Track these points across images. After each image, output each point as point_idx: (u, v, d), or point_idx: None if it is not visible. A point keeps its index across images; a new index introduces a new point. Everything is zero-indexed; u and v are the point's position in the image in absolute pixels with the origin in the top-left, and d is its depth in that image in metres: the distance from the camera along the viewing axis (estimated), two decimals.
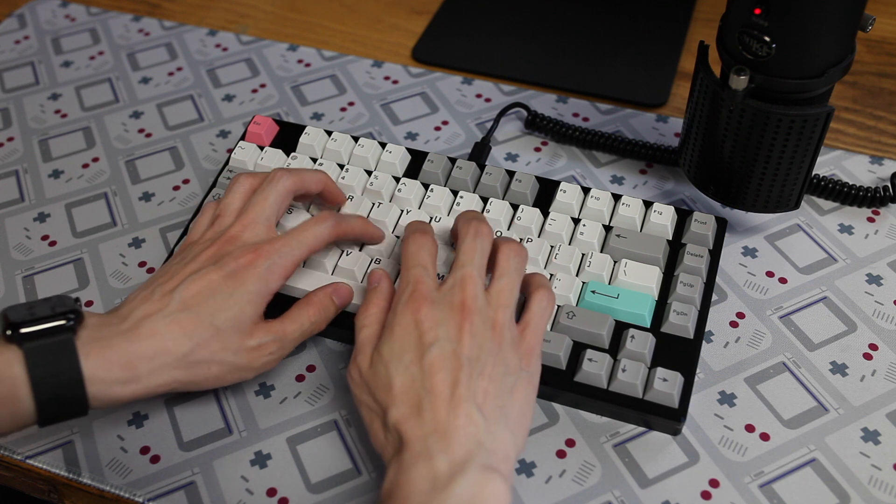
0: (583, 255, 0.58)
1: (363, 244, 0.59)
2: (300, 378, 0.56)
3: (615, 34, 0.79)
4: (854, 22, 0.50)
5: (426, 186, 0.63)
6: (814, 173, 0.65)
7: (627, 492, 0.50)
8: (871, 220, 0.64)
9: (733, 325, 0.58)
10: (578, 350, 0.54)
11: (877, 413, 0.53)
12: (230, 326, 0.48)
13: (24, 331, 0.44)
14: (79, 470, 0.52)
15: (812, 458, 0.51)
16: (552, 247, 0.59)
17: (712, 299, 0.58)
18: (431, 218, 0.61)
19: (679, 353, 0.54)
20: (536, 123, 0.70)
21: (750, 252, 0.62)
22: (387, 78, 0.77)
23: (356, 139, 0.66)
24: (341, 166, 0.64)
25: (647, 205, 0.61)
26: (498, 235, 0.58)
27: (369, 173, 0.64)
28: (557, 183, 0.63)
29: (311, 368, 0.56)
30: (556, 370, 0.53)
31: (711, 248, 0.59)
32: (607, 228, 0.60)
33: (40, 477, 0.53)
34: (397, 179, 0.63)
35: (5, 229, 0.66)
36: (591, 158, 0.69)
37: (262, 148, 0.66)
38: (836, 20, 0.49)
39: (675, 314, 0.54)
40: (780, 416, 0.53)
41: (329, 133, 0.66)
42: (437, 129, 0.72)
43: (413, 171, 0.65)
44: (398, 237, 0.59)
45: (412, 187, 0.62)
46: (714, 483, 0.50)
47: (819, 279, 0.60)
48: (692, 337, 0.54)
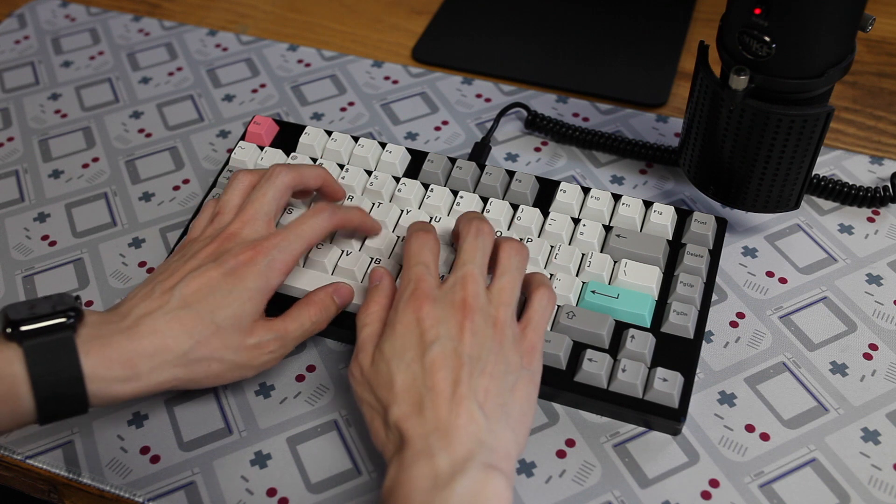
0: (583, 255, 0.58)
1: (363, 244, 0.59)
2: (300, 378, 0.56)
3: (615, 34, 0.79)
4: (854, 22, 0.50)
5: (426, 186, 0.63)
6: (814, 173, 0.65)
7: (627, 492, 0.50)
8: (871, 220, 0.64)
9: (733, 325, 0.58)
10: (578, 350, 0.54)
11: (877, 413, 0.53)
12: (230, 324, 0.48)
13: (24, 328, 0.44)
14: (79, 470, 0.52)
15: (812, 458, 0.51)
16: (552, 247, 0.59)
17: (712, 299, 0.58)
18: (431, 218, 0.61)
19: (679, 353, 0.54)
20: (536, 123, 0.70)
21: (750, 252, 0.62)
22: (387, 78, 0.77)
23: (356, 139, 0.66)
24: (341, 166, 0.64)
25: (647, 205, 0.61)
26: (499, 235, 0.58)
27: (369, 173, 0.64)
28: (557, 183, 0.63)
29: (311, 368, 0.56)
30: (556, 370, 0.53)
31: (711, 248, 0.59)
32: (607, 228, 0.60)
33: (40, 477, 0.53)
34: (397, 179, 0.63)
35: (5, 229, 0.66)
36: (591, 158, 0.69)
37: (262, 148, 0.66)
38: (836, 20, 0.49)
39: (675, 314, 0.54)
40: (780, 416, 0.53)
41: (329, 133, 0.66)
42: (437, 129, 0.72)
43: (413, 171, 0.65)
44: (399, 237, 0.59)
45: (412, 187, 0.62)
46: (714, 483, 0.50)
47: (819, 279, 0.60)
48: (692, 337, 0.54)
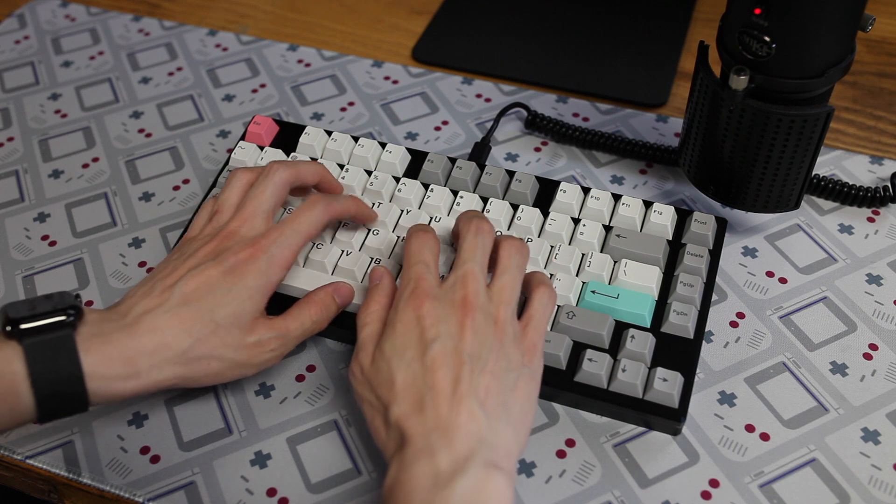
0: (583, 255, 0.58)
1: (363, 244, 0.59)
2: (300, 378, 0.56)
3: (615, 34, 0.79)
4: (854, 22, 0.50)
5: (426, 186, 0.63)
6: (814, 173, 0.65)
7: (627, 492, 0.50)
8: (871, 220, 0.64)
9: (733, 325, 0.58)
10: (578, 350, 0.54)
11: (877, 413, 0.53)
12: (230, 322, 0.48)
13: (23, 327, 0.44)
14: (79, 470, 0.52)
15: (812, 458, 0.51)
16: (552, 247, 0.59)
17: (712, 299, 0.58)
18: (431, 218, 0.61)
19: (679, 353, 0.54)
20: (536, 123, 0.70)
21: (750, 252, 0.62)
22: (387, 78, 0.77)
23: (356, 139, 0.66)
24: (341, 166, 0.64)
25: (647, 205, 0.61)
26: (499, 234, 0.58)
27: (369, 173, 0.64)
28: (557, 183, 0.63)
29: (311, 368, 0.56)
30: (556, 370, 0.53)
31: (711, 248, 0.59)
32: (607, 228, 0.60)
33: (40, 477, 0.53)
34: (397, 179, 0.63)
35: (5, 229, 0.66)
36: (591, 158, 0.69)
37: (262, 148, 0.66)
38: (836, 20, 0.49)
39: (675, 314, 0.54)
40: (780, 416, 0.53)
41: (329, 133, 0.66)
42: (437, 129, 0.72)
43: (413, 171, 0.65)
44: (399, 237, 0.59)
45: (412, 187, 0.62)
46: (714, 483, 0.50)
47: (819, 279, 0.60)
48: (692, 337, 0.54)
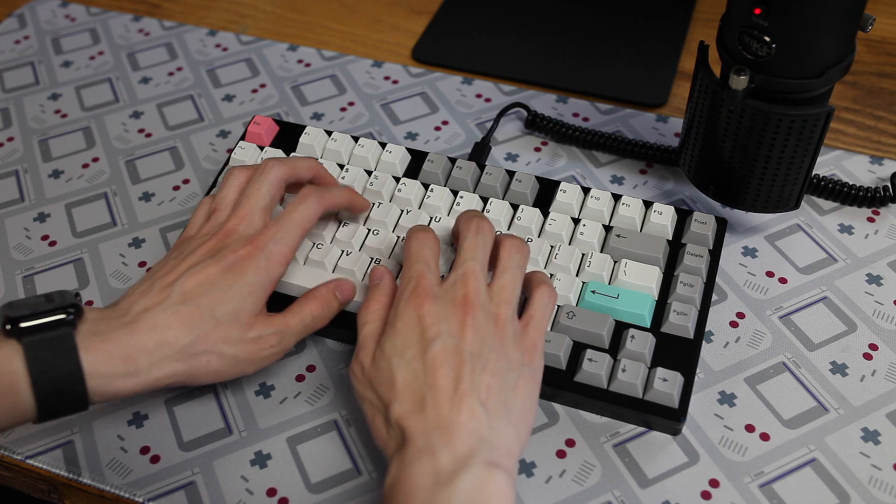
0: (583, 255, 0.58)
1: (363, 244, 0.59)
2: (300, 378, 0.56)
3: (615, 34, 0.79)
4: (854, 22, 0.50)
5: (426, 186, 0.63)
6: (814, 173, 0.65)
7: (627, 492, 0.50)
8: (871, 220, 0.64)
9: (733, 325, 0.58)
10: (578, 350, 0.54)
11: (877, 413, 0.53)
12: (230, 318, 0.48)
13: (23, 325, 0.44)
14: (79, 470, 0.52)
15: (812, 458, 0.51)
16: (552, 247, 0.59)
17: (712, 299, 0.58)
18: (431, 218, 0.61)
19: (679, 353, 0.54)
20: (536, 123, 0.70)
21: (750, 252, 0.62)
22: (387, 78, 0.77)
23: (356, 139, 0.66)
24: (341, 166, 0.64)
25: (647, 205, 0.61)
26: (499, 233, 0.58)
27: (369, 173, 0.64)
28: (557, 183, 0.63)
29: (311, 368, 0.56)
30: (556, 370, 0.53)
31: (711, 248, 0.59)
32: (607, 228, 0.60)
33: (40, 477, 0.53)
34: (397, 179, 0.63)
35: (5, 229, 0.66)
36: (591, 158, 0.69)
37: (262, 148, 0.66)
38: (836, 20, 0.49)
39: (675, 314, 0.54)
40: (780, 416, 0.53)
41: (329, 133, 0.66)
42: (437, 129, 0.72)
43: (413, 171, 0.65)
44: (399, 237, 0.59)
45: (412, 187, 0.62)
46: (714, 483, 0.50)
47: (819, 279, 0.60)
48: (692, 337, 0.54)
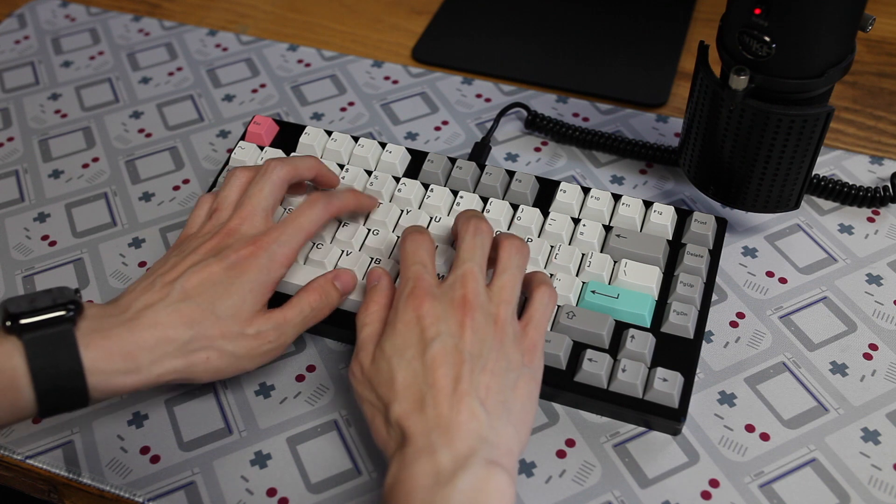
0: (583, 255, 0.58)
1: (363, 244, 0.59)
2: (300, 378, 0.56)
3: (615, 34, 0.79)
4: (854, 22, 0.50)
5: (426, 186, 0.63)
6: (814, 173, 0.65)
7: (627, 492, 0.50)
8: (871, 220, 0.64)
9: (733, 325, 0.58)
10: (578, 350, 0.54)
11: (877, 413, 0.53)
12: (230, 315, 0.48)
13: (23, 322, 0.44)
14: (79, 470, 0.52)
15: (812, 458, 0.51)
16: (552, 247, 0.59)
17: (712, 299, 0.58)
18: (431, 218, 0.61)
19: (679, 353, 0.54)
20: (536, 123, 0.70)
21: (750, 252, 0.62)
22: (387, 78, 0.77)
23: (356, 139, 0.66)
24: (341, 166, 0.64)
25: (647, 205, 0.61)
26: (499, 233, 0.58)
27: (369, 173, 0.64)
28: (557, 183, 0.63)
29: (311, 368, 0.56)
30: (556, 370, 0.53)
31: (711, 248, 0.59)
32: (607, 228, 0.60)
33: (40, 477, 0.53)
34: (397, 179, 0.63)
35: (5, 229, 0.66)
36: (591, 158, 0.69)
37: (262, 148, 0.66)
38: (836, 20, 0.49)
39: (675, 314, 0.54)
40: (780, 416, 0.53)
41: (329, 133, 0.66)
42: (437, 129, 0.72)
43: (413, 171, 0.64)
44: (398, 237, 0.59)
45: (412, 187, 0.62)
46: (714, 483, 0.50)
47: (819, 279, 0.60)
48: (692, 337, 0.54)
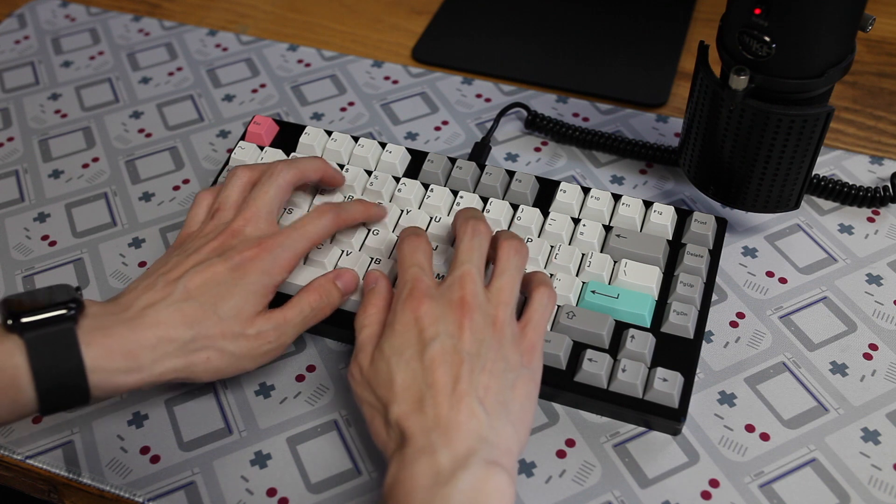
0: (583, 255, 0.58)
1: (363, 244, 0.59)
2: (300, 378, 0.56)
3: (615, 34, 0.79)
4: (854, 22, 0.50)
5: (426, 186, 0.63)
6: (814, 173, 0.65)
7: (627, 492, 0.50)
8: (871, 220, 0.64)
9: (733, 325, 0.58)
10: (578, 350, 0.54)
11: (877, 413, 0.53)
12: (232, 315, 0.49)
13: (24, 320, 0.44)
14: (79, 470, 0.52)
15: (812, 458, 0.51)
16: (552, 247, 0.59)
17: (712, 299, 0.58)
18: (431, 218, 0.61)
19: (679, 353, 0.54)
20: (536, 123, 0.70)
21: (750, 252, 0.62)
22: (387, 78, 0.77)
23: (356, 139, 0.66)
24: (341, 166, 0.64)
25: (647, 205, 0.61)
26: (498, 232, 0.58)
27: (369, 173, 0.64)
28: (557, 183, 0.63)
29: (311, 368, 0.56)
30: (556, 370, 0.53)
31: (711, 248, 0.59)
32: (607, 228, 0.60)
33: (40, 477, 0.53)
34: (397, 179, 0.63)
35: (5, 229, 0.66)
36: (591, 158, 0.69)
37: (262, 148, 0.66)
38: (836, 20, 0.49)
39: (675, 314, 0.54)
40: (780, 416, 0.53)
41: (329, 133, 0.66)
42: (437, 129, 0.72)
43: (413, 171, 0.64)
44: (398, 237, 0.59)
45: (412, 187, 0.62)
46: (714, 483, 0.50)
47: (819, 279, 0.60)
48: (692, 337, 0.54)
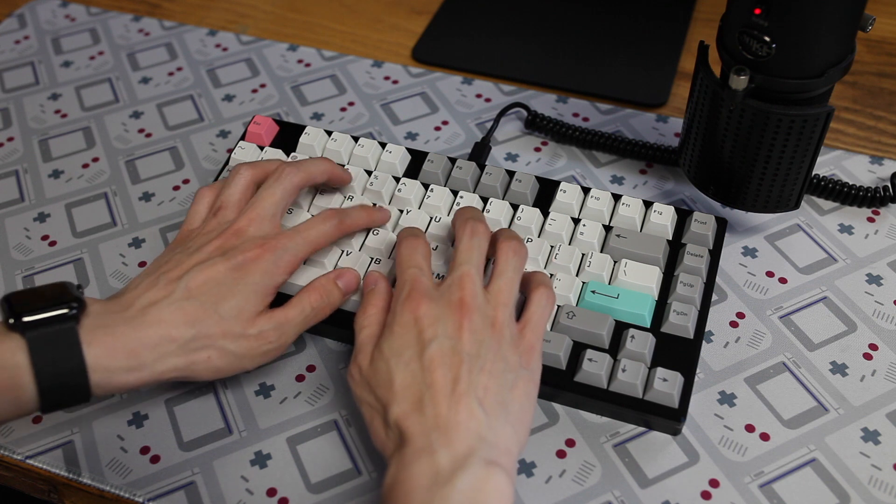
0: (583, 255, 0.58)
1: (363, 244, 0.59)
2: (300, 378, 0.56)
3: (615, 34, 0.79)
4: (854, 22, 0.50)
5: (426, 186, 0.63)
6: (814, 173, 0.65)
7: (627, 492, 0.50)
8: (871, 220, 0.64)
9: (733, 325, 0.58)
10: (578, 350, 0.54)
11: (877, 413, 0.53)
12: (233, 315, 0.49)
13: (26, 319, 0.44)
14: (79, 470, 0.52)
15: (812, 458, 0.51)
16: (552, 247, 0.59)
17: (712, 299, 0.58)
18: (431, 218, 0.61)
19: (679, 353, 0.54)
20: (536, 123, 0.70)
21: (750, 252, 0.62)
22: (387, 78, 0.77)
23: (356, 139, 0.66)
24: (341, 166, 0.64)
25: (647, 205, 0.61)
26: (497, 231, 0.58)
27: (369, 173, 0.64)
28: (557, 183, 0.63)
29: (311, 368, 0.56)
30: (556, 370, 0.53)
31: (711, 248, 0.59)
32: (607, 228, 0.60)
33: (40, 477, 0.53)
34: (397, 179, 0.63)
35: (5, 229, 0.66)
36: (591, 158, 0.69)
37: (262, 148, 0.66)
38: (836, 20, 0.49)
39: (675, 314, 0.54)
40: (780, 416, 0.53)
41: (329, 133, 0.66)
42: (437, 129, 0.72)
43: (413, 171, 0.64)
44: (397, 238, 0.59)
45: (412, 187, 0.62)
46: (714, 483, 0.50)
47: (819, 279, 0.60)
48: (692, 337, 0.54)
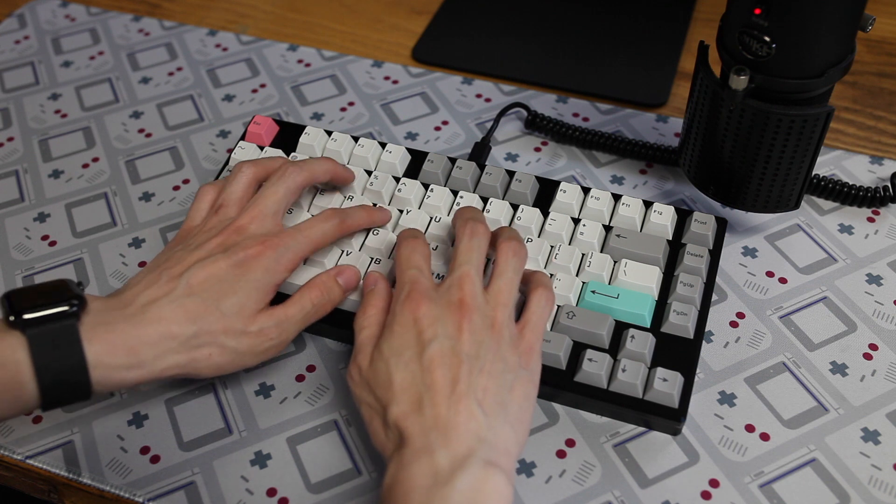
0: (583, 255, 0.58)
1: (363, 244, 0.59)
2: (300, 378, 0.56)
3: (615, 34, 0.79)
4: (854, 22, 0.50)
5: (426, 186, 0.63)
6: (814, 173, 0.65)
7: (627, 492, 0.50)
8: (871, 220, 0.64)
9: (733, 325, 0.58)
10: (578, 350, 0.54)
11: (877, 413, 0.53)
12: (234, 312, 0.49)
13: (27, 317, 0.44)
14: (79, 470, 0.52)
15: (812, 458, 0.51)
16: (552, 247, 0.59)
17: (712, 299, 0.58)
18: (431, 218, 0.61)
19: (679, 353, 0.54)
20: (536, 123, 0.70)
21: (750, 252, 0.62)
22: (387, 78, 0.77)
23: (356, 139, 0.66)
24: (344, 166, 0.64)
25: (647, 205, 0.61)
26: (497, 230, 0.58)
27: (369, 173, 0.64)
28: (557, 183, 0.63)
29: (311, 368, 0.56)
30: (556, 370, 0.53)
31: (711, 248, 0.59)
32: (607, 228, 0.60)
33: (40, 477, 0.53)
34: (397, 179, 0.63)
35: (5, 229, 0.66)
36: (591, 158, 0.69)
37: (262, 148, 0.66)
38: (836, 20, 0.49)
39: (675, 314, 0.54)
40: (780, 416, 0.53)
41: (329, 133, 0.66)
42: (437, 129, 0.72)
43: (413, 171, 0.64)
44: (396, 239, 0.59)
45: (412, 187, 0.62)
46: (714, 483, 0.50)
47: (819, 279, 0.60)
48: (692, 337, 0.54)
